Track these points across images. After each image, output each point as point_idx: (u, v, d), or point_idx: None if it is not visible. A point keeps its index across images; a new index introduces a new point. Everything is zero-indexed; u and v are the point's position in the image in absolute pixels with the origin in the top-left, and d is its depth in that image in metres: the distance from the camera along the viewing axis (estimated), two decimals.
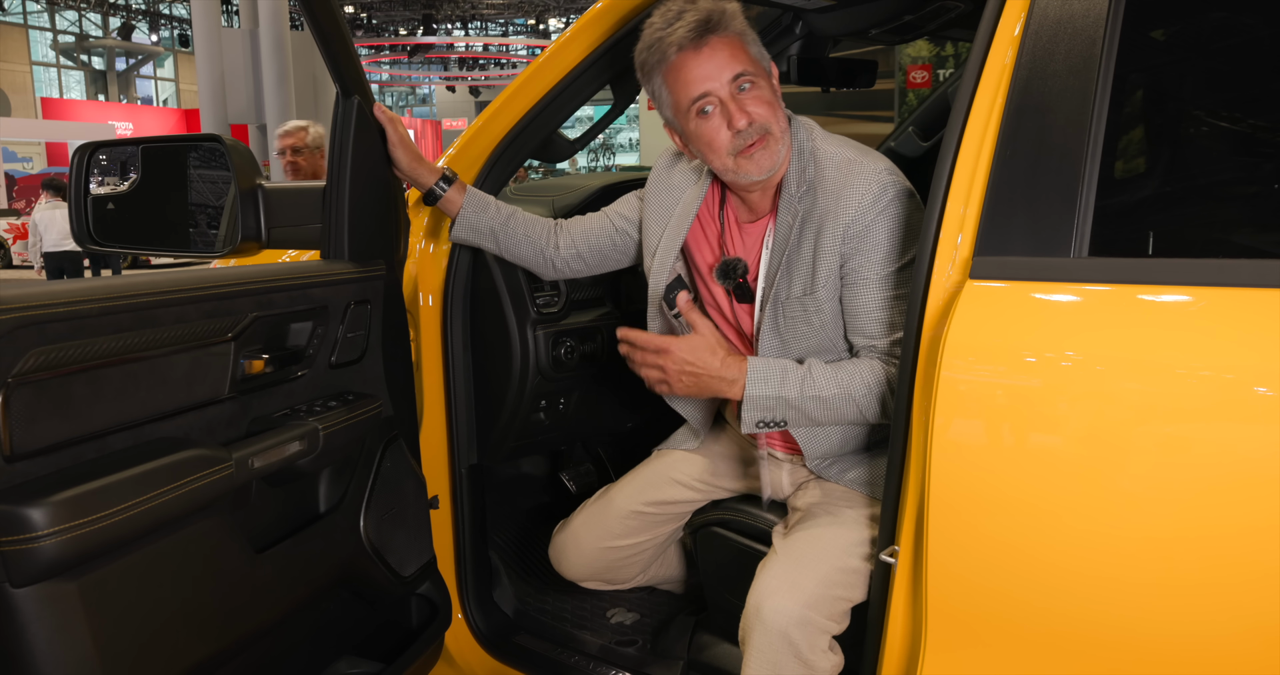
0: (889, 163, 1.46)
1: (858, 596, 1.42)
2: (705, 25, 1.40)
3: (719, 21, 1.41)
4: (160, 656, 1.14)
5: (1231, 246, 1.15)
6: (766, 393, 1.43)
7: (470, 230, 1.71)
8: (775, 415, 1.45)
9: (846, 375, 1.42)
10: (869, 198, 1.41)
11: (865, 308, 1.43)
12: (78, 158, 1.53)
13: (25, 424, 1.00)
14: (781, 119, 1.46)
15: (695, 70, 1.42)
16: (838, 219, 1.42)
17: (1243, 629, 1.00)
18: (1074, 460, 1.06)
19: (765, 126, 1.43)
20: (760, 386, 1.43)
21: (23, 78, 24.61)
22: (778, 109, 1.46)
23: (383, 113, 1.55)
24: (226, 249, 1.49)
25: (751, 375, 1.44)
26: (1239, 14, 1.23)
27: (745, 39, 1.45)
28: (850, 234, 1.42)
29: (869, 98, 8.42)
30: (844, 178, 1.43)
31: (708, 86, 1.42)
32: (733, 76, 1.42)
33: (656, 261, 1.63)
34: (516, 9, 29.84)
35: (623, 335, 1.52)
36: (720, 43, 1.42)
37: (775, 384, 1.43)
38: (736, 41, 1.43)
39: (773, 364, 1.45)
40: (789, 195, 1.48)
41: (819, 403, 1.42)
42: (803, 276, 1.46)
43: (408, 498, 1.63)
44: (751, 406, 1.44)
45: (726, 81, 1.42)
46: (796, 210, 1.47)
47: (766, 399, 1.43)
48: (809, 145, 1.50)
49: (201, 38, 12.85)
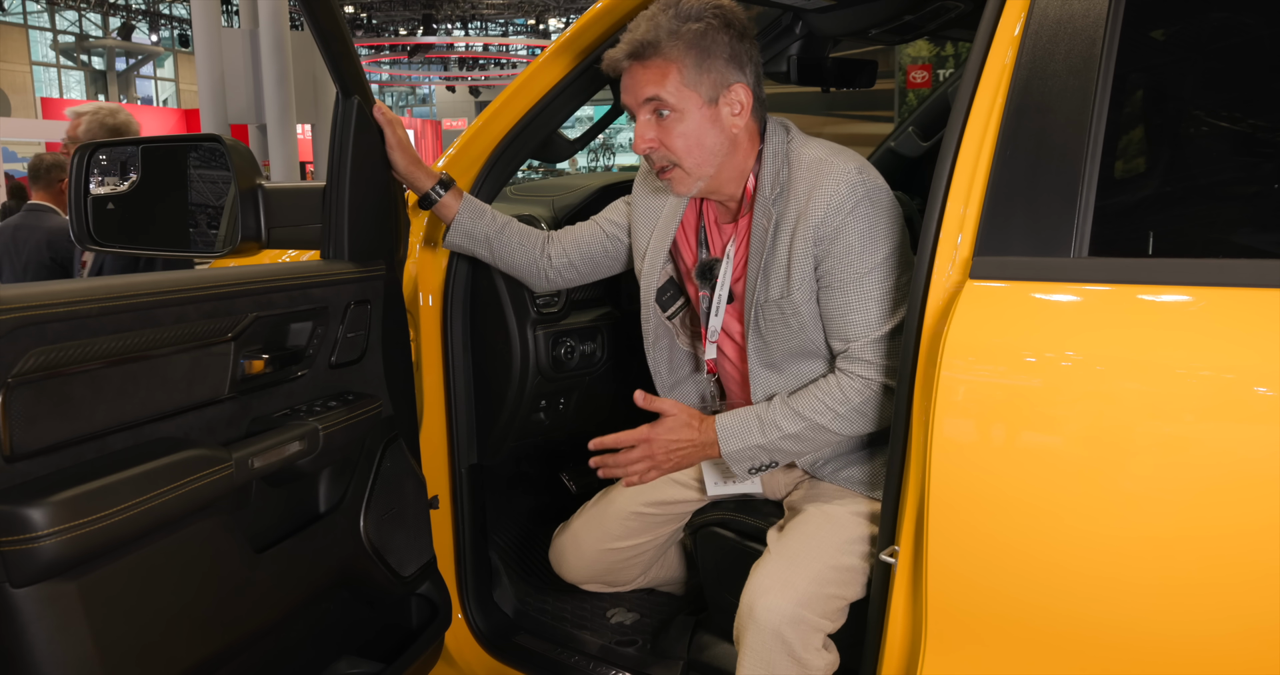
0: (861, 161, 1.46)
1: (852, 595, 1.42)
2: (637, 48, 1.44)
3: (642, 50, 1.43)
4: (160, 656, 1.14)
5: (1231, 246, 1.15)
6: (741, 446, 1.48)
7: (465, 237, 1.71)
8: (760, 460, 1.50)
9: (807, 406, 1.45)
10: (838, 198, 1.41)
11: (839, 310, 1.44)
12: (78, 158, 1.53)
13: (25, 424, 1.00)
14: (699, 154, 1.46)
15: (626, 80, 1.48)
16: (808, 220, 1.42)
17: (1242, 629, 1.00)
18: (1074, 460, 1.06)
19: (670, 159, 1.47)
20: (733, 442, 1.49)
21: (23, 78, 24.60)
22: (698, 143, 1.45)
23: (383, 115, 1.55)
24: (226, 249, 1.49)
25: (721, 434, 1.49)
26: (1239, 14, 1.23)
27: (683, 66, 1.43)
28: (821, 235, 1.42)
29: (869, 98, 8.41)
30: (814, 178, 1.44)
31: (626, 100, 1.49)
32: (643, 100, 1.45)
33: (646, 263, 1.64)
34: (516, 9, 29.84)
35: (595, 444, 1.54)
36: (641, 70, 1.45)
37: (743, 436, 1.48)
38: (667, 69, 1.43)
39: (739, 416, 1.50)
40: (763, 198, 1.48)
41: (792, 439, 1.46)
42: (779, 279, 1.47)
43: (408, 498, 1.63)
44: (735, 460, 1.49)
45: (638, 104, 1.46)
46: (771, 213, 1.47)
47: (745, 451, 1.48)
48: (783, 148, 1.50)
49: (201, 38, 12.84)
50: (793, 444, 1.47)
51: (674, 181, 1.50)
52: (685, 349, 1.71)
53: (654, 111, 1.45)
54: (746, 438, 1.48)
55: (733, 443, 1.48)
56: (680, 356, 1.71)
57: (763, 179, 1.49)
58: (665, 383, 1.71)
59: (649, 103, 1.45)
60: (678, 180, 1.49)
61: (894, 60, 8.23)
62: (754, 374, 1.54)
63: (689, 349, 1.72)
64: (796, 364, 1.52)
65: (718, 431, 1.49)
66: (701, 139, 1.46)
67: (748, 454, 1.49)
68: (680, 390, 1.72)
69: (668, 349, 1.69)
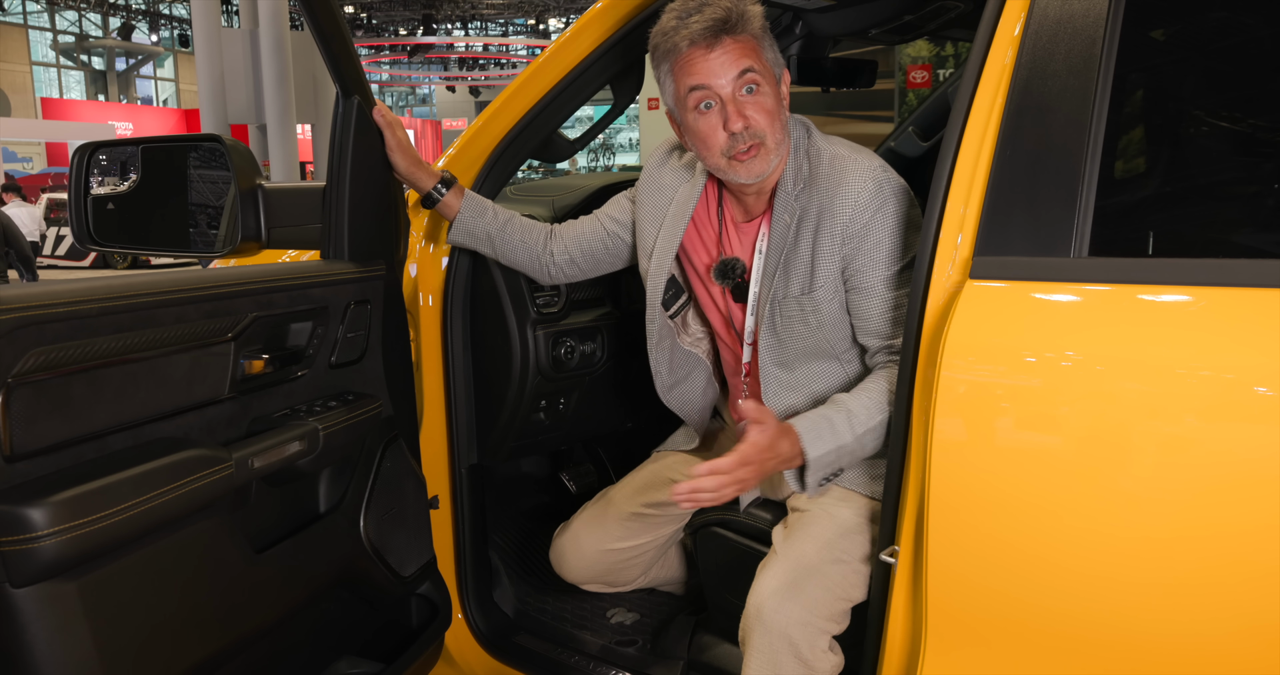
0: (882, 160, 1.46)
1: (857, 596, 1.42)
2: (723, 25, 1.39)
3: (736, 23, 1.40)
4: (160, 657, 1.14)
5: (1231, 246, 1.15)
6: (826, 449, 1.39)
7: (467, 234, 1.71)
8: (835, 467, 1.42)
9: (881, 397, 1.40)
10: (865, 195, 1.41)
11: (875, 309, 1.43)
12: (78, 158, 1.53)
13: (25, 424, 1.00)
14: (779, 130, 1.44)
15: (701, 65, 1.41)
16: (835, 217, 1.42)
17: (1243, 629, 1.00)
18: (1074, 460, 1.06)
19: (760, 135, 1.42)
20: (818, 446, 1.38)
21: (23, 78, 24.60)
22: (777, 118, 1.44)
23: (382, 117, 1.54)
24: (226, 249, 1.49)
25: (805, 437, 1.38)
26: (1239, 14, 1.23)
27: (761, 43, 1.43)
28: (849, 234, 1.42)
29: (869, 98, 8.42)
30: (838, 175, 1.43)
31: (711, 82, 1.41)
32: (738, 74, 1.40)
33: (654, 263, 1.63)
34: (516, 9, 29.84)
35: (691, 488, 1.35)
36: (733, 44, 1.40)
37: (830, 437, 1.39)
38: (751, 44, 1.42)
39: (814, 418, 1.40)
40: (785, 194, 1.48)
41: (872, 434, 1.40)
42: (800, 276, 1.46)
43: (408, 498, 1.63)
44: (817, 467, 1.40)
45: (731, 80, 1.41)
46: (793, 209, 1.46)
47: (827, 455, 1.39)
48: (805, 144, 1.50)
49: (201, 38, 12.84)
50: (871, 440, 1.40)
51: (757, 160, 1.44)
52: (687, 349, 1.71)
53: (745, 86, 1.42)
54: (831, 439, 1.38)
55: (818, 447, 1.38)
56: (681, 356, 1.70)
57: (785, 175, 1.48)
58: (665, 383, 1.70)
59: (745, 75, 1.41)
60: (760, 158, 1.44)
61: (894, 60, 8.24)
62: (764, 372, 1.53)
63: (690, 349, 1.71)
64: (808, 363, 1.51)
65: (800, 436, 1.38)
66: (779, 114, 1.45)
67: (829, 459, 1.39)
68: (680, 390, 1.72)
69: (669, 349, 1.68)
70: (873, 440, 1.41)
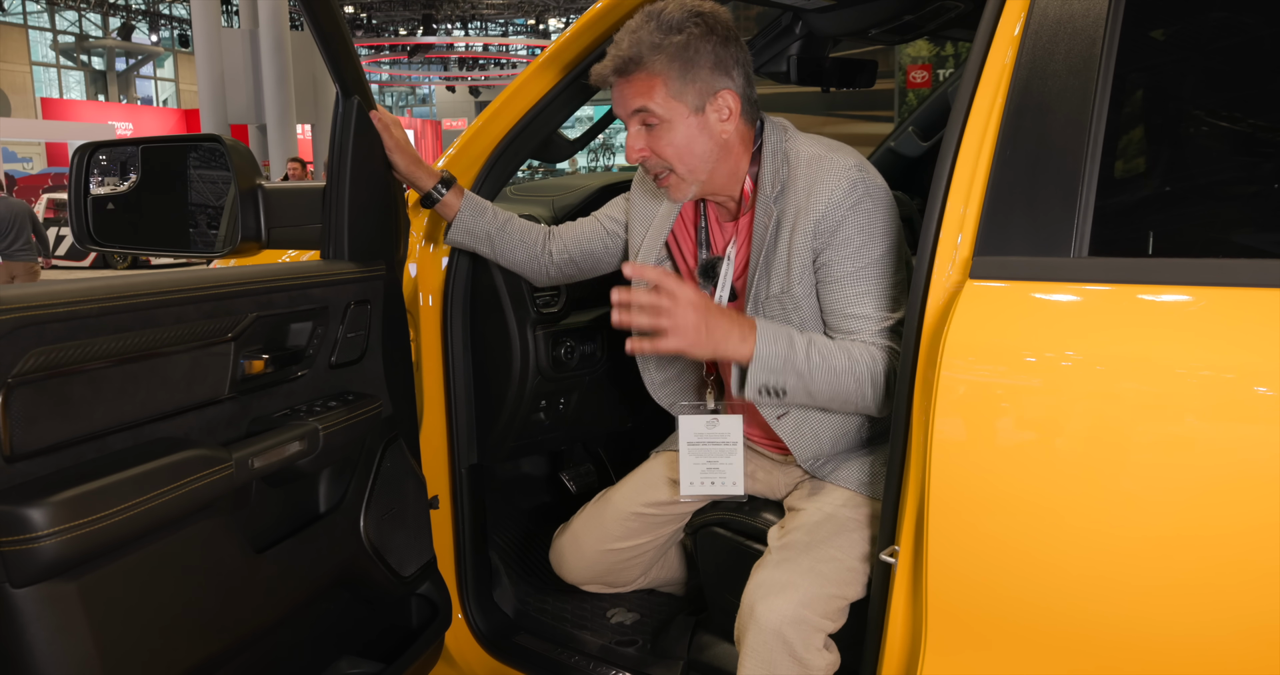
0: (860, 158, 1.47)
1: (853, 595, 1.42)
2: (622, 64, 1.45)
3: (628, 66, 1.45)
4: (160, 657, 1.14)
5: (1231, 246, 1.15)
6: (776, 350, 1.37)
7: (466, 234, 1.71)
8: (780, 380, 1.39)
9: (855, 350, 1.39)
10: (839, 193, 1.42)
11: (839, 304, 1.44)
12: (78, 158, 1.53)
13: (25, 424, 1.00)
14: (692, 158, 1.47)
15: (615, 93, 1.50)
16: (809, 215, 1.43)
17: (1243, 629, 1.00)
18: (1074, 460, 1.06)
19: (665, 166, 1.49)
20: (770, 345, 1.37)
21: (23, 78, 24.60)
22: (689, 149, 1.47)
23: (379, 118, 1.55)
24: (226, 249, 1.49)
25: (761, 334, 1.38)
26: (1239, 14, 1.23)
27: (668, 78, 1.44)
28: (821, 229, 1.43)
29: (869, 98, 8.43)
30: (813, 174, 1.45)
31: (618, 111, 1.52)
32: (631, 112, 1.48)
33: (639, 261, 1.65)
34: (516, 9, 29.84)
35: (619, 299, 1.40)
36: (627, 85, 1.47)
37: (785, 344, 1.38)
38: (649, 83, 1.45)
39: (780, 327, 1.41)
40: (764, 196, 1.49)
41: (827, 372, 1.38)
42: (780, 275, 1.47)
43: (408, 498, 1.63)
44: (760, 366, 1.37)
45: (627, 115, 1.49)
46: (771, 210, 1.48)
47: (775, 359, 1.37)
48: (782, 146, 1.51)
49: (201, 38, 12.85)
50: (822, 377, 1.38)
51: (671, 188, 1.51)
52: None
53: (642, 122, 1.48)
54: (786, 347, 1.37)
55: (770, 346, 1.37)
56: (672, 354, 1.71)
57: (763, 177, 1.50)
58: (654, 379, 1.71)
59: (637, 114, 1.47)
60: (674, 186, 1.51)
61: (894, 60, 8.24)
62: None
63: None
64: None
65: (756, 330, 1.38)
66: (691, 146, 1.47)
67: (775, 364, 1.37)
68: (669, 388, 1.72)
69: None
70: (824, 380, 1.38)
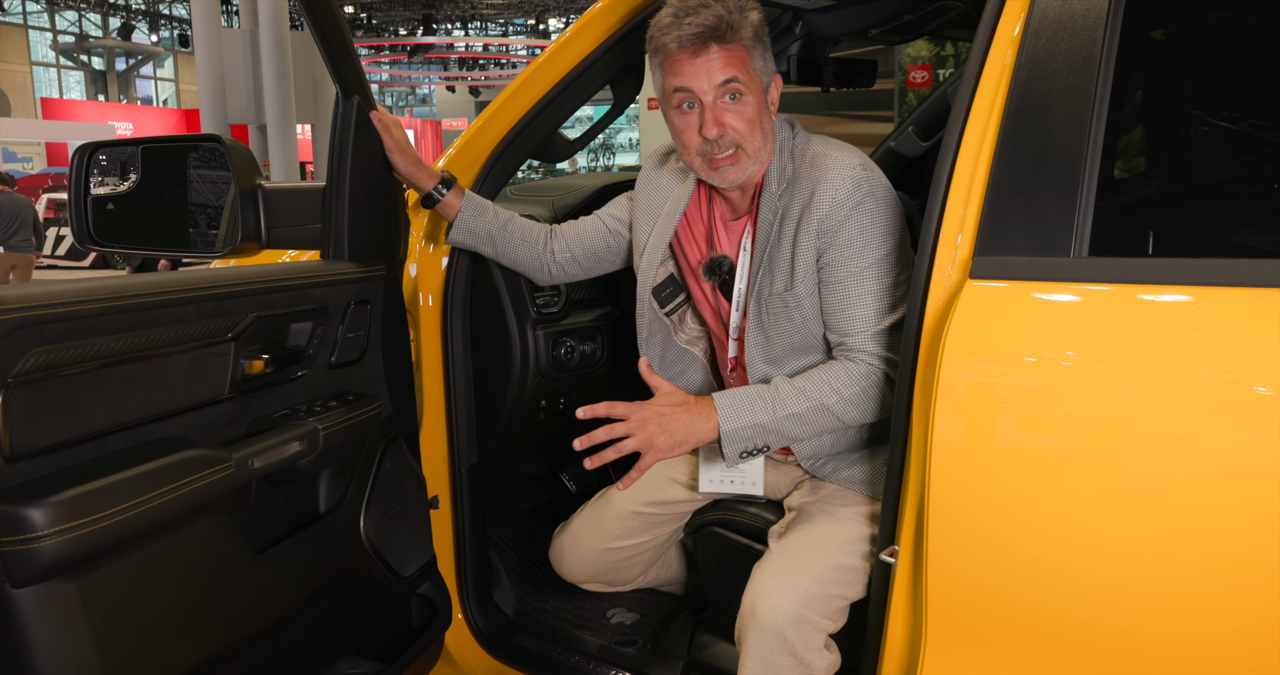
0: (864, 158, 1.47)
1: (854, 594, 1.42)
2: (712, 32, 1.40)
3: (726, 32, 1.41)
4: (160, 657, 1.14)
5: (1231, 246, 1.15)
6: (741, 424, 1.43)
7: (468, 234, 1.71)
8: (756, 442, 1.45)
9: (814, 386, 1.43)
10: (843, 193, 1.42)
11: (839, 304, 1.45)
12: (78, 158, 1.53)
13: (25, 424, 1.00)
14: (759, 136, 1.46)
15: (687, 68, 1.43)
16: (812, 213, 1.44)
17: (1242, 629, 1.00)
18: (1074, 460, 1.06)
19: (737, 142, 1.45)
20: (733, 420, 1.43)
21: (23, 78, 24.59)
22: (758, 126, 1.46)
23: (379, 119, 1.55)
24: (226, 249, 1.49)
25: (721, 411, 1.43)
26: (1239, 14, 1.23)
27: (752, 52, 1.44)
28: (824, 229, 1.43)
29: (869, 98, 8.42)
30: (818, 172, 1.45)
31: (694, 86, 1.43)
32: (721, 83, 1.42)
33: (644, 259, 1.65)
34: (516, 9, 29.84)
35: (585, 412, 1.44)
36: (720, 52, 1.41)
37: (746, 413, 1.43)
38: (740, 53, 1.43)
39: (738, 394, 1.45)
40: (770, 193, 1.49)
41: (794, 420, 1.43)
42: (783, 273, 1.48)
43: (408, 498, 1.63)
44: (731, 441, 1.44)
45: (714, 87, 1.43)
46: (776, 207, 1.48)
47: (743, 430, 1.43)
48: (790, 143, 1.52)
49: (201, 38, 12.84)
50: (794, 425, 1.43)
51: (735, 165, 1.47)
52: (681, 346, 1.72)
53: (727, 94, 1.44)
54: (748, 415, 1.42)
55: (733, 421, 1.43)
56: (674, 353, 1.71)
57: (769, 174, 1.50)
58: None
59: (727, 84, 1.43)
60: (740, 163, 1.47)
61: (894, 60, 8.24)
62: (753, 368, 1.54)
63: (687, 347, 1.72)
64: (796, 358, 1.52)
65: (717, 409, 1.43)
66: (760, 122, 1.46)
67: (745, 434, 1.43)
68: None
69: (661, 345, 1.70)
70: (795, 425, 1.43)
